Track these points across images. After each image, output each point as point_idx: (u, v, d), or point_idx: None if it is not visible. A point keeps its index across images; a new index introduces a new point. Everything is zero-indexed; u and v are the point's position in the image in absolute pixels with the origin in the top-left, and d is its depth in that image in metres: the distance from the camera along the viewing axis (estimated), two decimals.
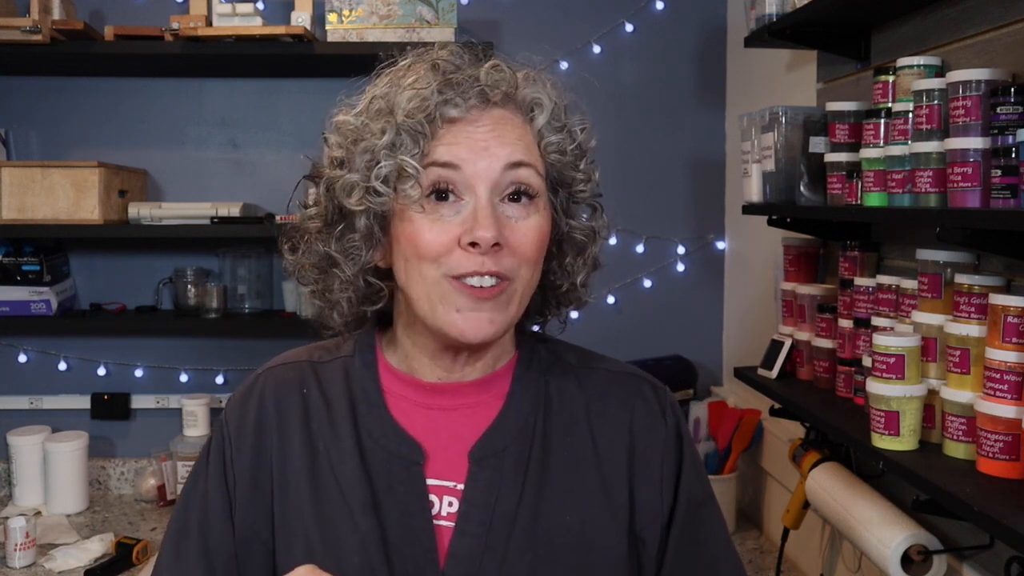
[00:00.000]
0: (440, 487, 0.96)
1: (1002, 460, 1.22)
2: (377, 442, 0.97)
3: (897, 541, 1.42)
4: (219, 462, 1.00)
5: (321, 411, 1.00)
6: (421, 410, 0.99)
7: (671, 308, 2.64)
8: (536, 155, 0.95)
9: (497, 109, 0.94)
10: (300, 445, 0.98)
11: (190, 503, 1.01)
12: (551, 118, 0.96)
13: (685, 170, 2.65)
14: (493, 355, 1.01)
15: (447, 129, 0.92)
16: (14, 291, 2.42)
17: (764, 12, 1.85)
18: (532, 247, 0.93)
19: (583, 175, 0.99)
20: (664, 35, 2.63)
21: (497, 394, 1.01)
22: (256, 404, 1.02)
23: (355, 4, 2.34)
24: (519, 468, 0.96)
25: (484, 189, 0.91)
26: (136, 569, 2.10)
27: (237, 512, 0.98)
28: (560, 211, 0.99)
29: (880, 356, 1.38)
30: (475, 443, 0.97)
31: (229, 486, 0.99)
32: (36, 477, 2.47)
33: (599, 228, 1.03)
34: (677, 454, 1.02)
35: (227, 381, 2.65)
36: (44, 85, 2.58)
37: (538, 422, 0.99)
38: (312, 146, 1.04)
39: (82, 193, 2.31)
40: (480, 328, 0.91)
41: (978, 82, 1.23)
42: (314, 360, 1.05)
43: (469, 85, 0.92)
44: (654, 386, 1.06)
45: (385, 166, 0.91)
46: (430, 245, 0.91)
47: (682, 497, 1.01)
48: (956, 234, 1.23)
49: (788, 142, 1.75)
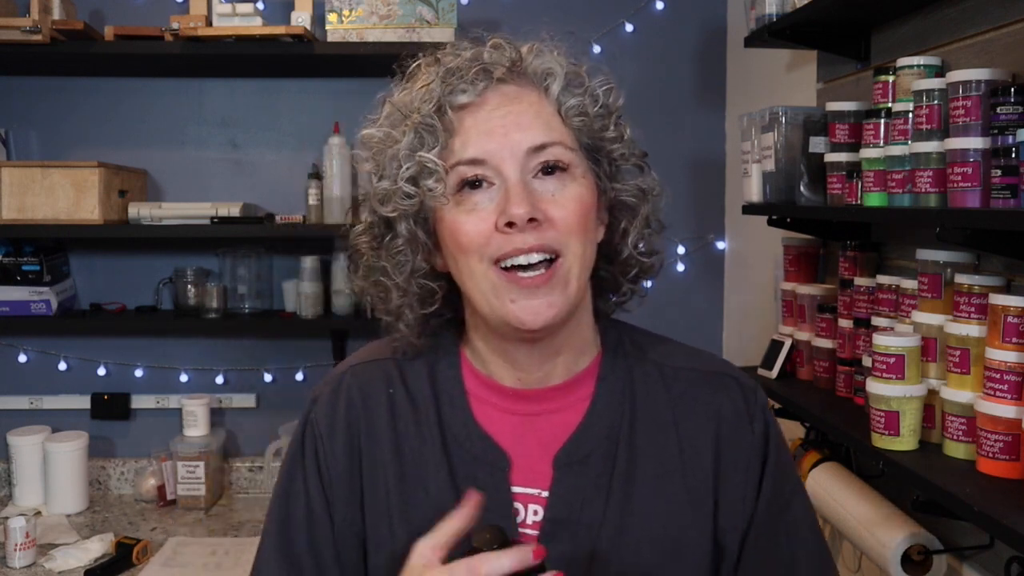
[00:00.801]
0: (525, 495, 0.94)
1: (1002, 460, 1.22)
2: (462, 446, 0.95)
3: (897, 541, 1.42)
4: (314, 462, 0.99)
5: (407, 412, 0.98)
6: (505, 415, 0.97)
7: (671, 308, 2.64)
8: (559, 127, 0.92)
9: (507, 86, 0.92)
10: (388, 447, 0.97)
11: (292, 500, 0.99)
12: (567, 84, 0.94)
13: (685, 170, 2.65)
14: (572, 351, 0.98)
15: (460, 117, 0.91)
16: (14, 291, 2.42)
17: (764, 12, 1.85)
18: (574, 217, 0.90)
19: (614, 133, 0.96)
20: (664, 35, 2.63)
21: (581, 397, 0.98)
22: (345, 403, 1.00)
23: (355, 4, 2.34)
24: (604, 475, 0.94)
25: (512, 171, 0.89)
26: (136, 569, 2.10)
27: (336, 510, 0.97)
28: (605, 177, 0.97)
29: (880, 356, 1.38)
30: (559, 449, 0.95)
31: (326, 486, 0.98)
32: (36, 477, 2.46)
33: (648, 186, 0.99)
34: (761, 461, 0.98)
35: (227, 381, 2.65)
36: (44, 85, 2.58)
37: (623, 426, 0.97)
38: (312, 146, 1.04)
39: (82, 193, 2.31)
40: (539, 313, 0.89)
41: (978, 82, 1.23)
42: (398, 357, 1.02)
43: (470, 67, 0.91)
44: (743, 387, 1.01)
45: (408, 167, 0.91)
46: (470, 235, 0.89)
47: (761, 505, 0.97)
48: (956, 234, 1.23)
49: (788, 142, 1.75)
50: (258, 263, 2.58)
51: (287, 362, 2.64)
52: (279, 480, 1.02)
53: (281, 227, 2.40)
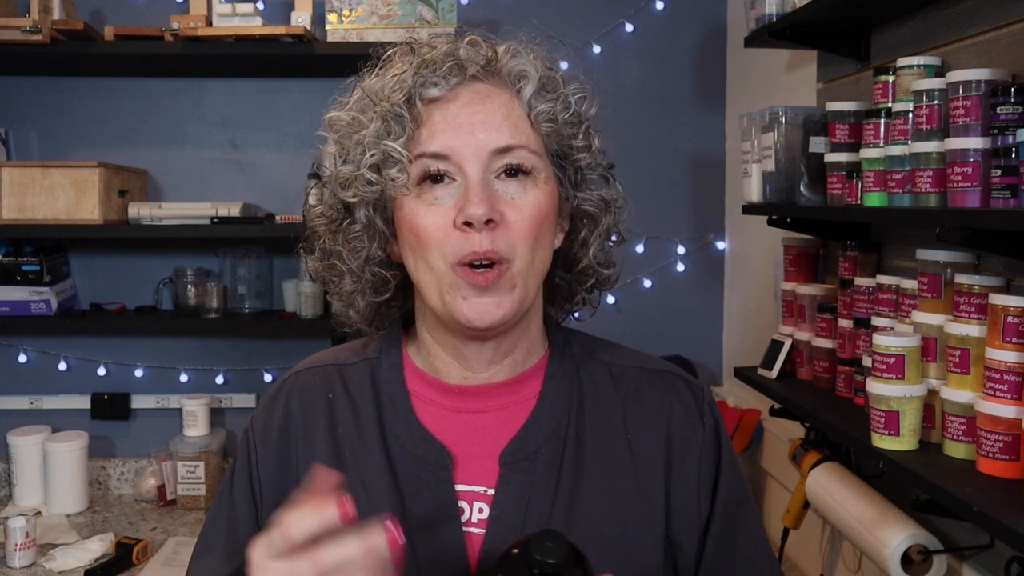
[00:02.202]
0: (470, 493, 0.94)
1: (1002, 460, 1.22)
2: (404, 447, 0.95)
3: (897, 541, 1.42)
4: (245, 469, 0.99)
5: (347, 415, 0.98)
6: (449, 414, 0.97)
7: (671, 308, 2.64)
8: (527, 130, 0.92)
9: (479, 84, 0.92)
10: (326, 451, 0.96)
11: (219, 511, 1.00)
12: (539, 88, 0.93)
13: (685, 170, 2.65)
14: (520, 352, 0.98)
15: (430, 111, 0.91)
16: (14, 291, 2.42)
17: (764, 12, 1.85)
18: (528, 223, 0.90)
19: (583, 142, 0.96)
20: (664, 35, 2.63)
21: (528, 395, 0.98)
22: (281, 410, 1.00)
23: (355, 4, 2.34)
24: (551, 471, 0.94)
25: (475, 169, 0.89)
26: (136, 569, 2.10)
27: (263, 518, 0.96)
28: (569, 184, 0.97)
29: (880, 356, 1.38)
30: (505, 446, 0.95)
31: (255, 493, 0.98)
32: (36, 477, 2.47)
33: (612, 198, 0.99)
34: (715, 456, 0.99)
35: (227, 381, 2.65)
36: (44, 85, 2.58)
37: (571, 423, 0.96)
38: (312, 146, 1.04)
39: (82, 193, 2.31)
40: (487, 312, 0.89)
41: (978, 82, 1.23)
42: (340, 363, 1.03)
43: (444, 61, 0.91)
44: (690, 384, 1.02)
45: (373, 154, 0.91)
46: (428, 229, 0.89)
47: (720, 501, 0.98)
48: (956, 234, 1.23)
49: (788, 142, 1.75)
50: (258, 263, 2.58)
51: (287, 362, 2.63)
52: (217, 492, 1.03)
53: (281, 227, 2.40)
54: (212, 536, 0.99)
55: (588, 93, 0.98)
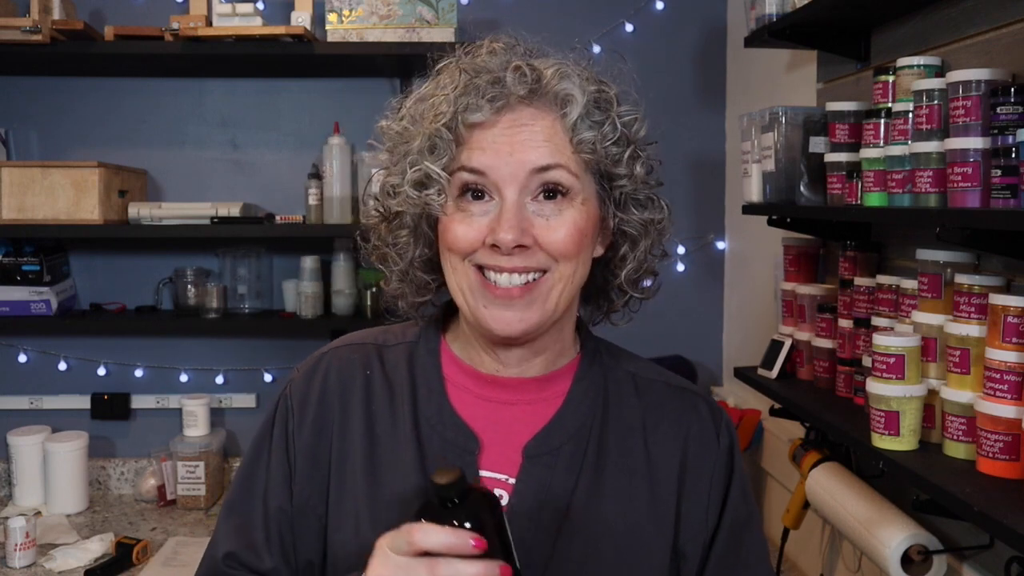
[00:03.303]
0: (492, 479, 0.97)
1: (1002, 460, 1.22)
2: (434, 429, 0.98)
3: (897, 541, 1.42)
4: (282, 434, 1.02)
5: (383, 394, 1.01)
6: (480, 402, 1.00)
7: (671, 308, 2.64)
8: (568, 152, 0.92)
9: (524, 107, 0.93)
10: (360, 426, 1.00)
11: (254, 472, 1.02)
12: (585, 112, 0.93)
13: (685, 170, 2.65)
14: (552, 352, 1.01)
15: (473, 133, 0.93)
16: (14, 291, 2.42)
17: (764, 12, 1.85)
18: (566, 243, 0.92)
19: (626, 169, 0.96)
20: (664, 35, 2.63)
21: (556, 393, 1.01)
22: (320, 381, 1.03)
23: (355, 4, 2.34)
24: (572, 468, 0.97)
25: (511, 191, 0.91)
26: (136, 569, 2.10)
27: (296, 483, 1.00)
28: (611, 203, 0.98)
29: (880, 356, 1.38)
30: (530, 440, 0.98)
31: (290, 457, 1.01)
32: (36, 477, 2.47)
33: (655, 219, 1.00)
34: (727, 475, 1.02)
35: (227, 381, 2.65)
36: (44, 85, 2.58)
37: (595, 426, 1.00)
38: (312, 146, 1.05)
39: (82, 193, 2.31)
40: (508, 325, 0.93)
41: (978, 82, 1.23)
42: (379, 343, 1.06)
43: (489, 87, 0.92)
44: (710, 405, 1.06)
45: (417, 171, 0.94)
46: (458, 240, 0.93)
47: (727, 517, 1.01)
48: (956, 234, 1.23)
49: (788, 142, 1.75)
50: (258, 263, 2.58)
51: (287, 362, 2.64)
52: (247, 453, 1.05)
53: (281, 227, 2.40)
54: (245, 498, 1.02)
55: (639, 115, 0.99)
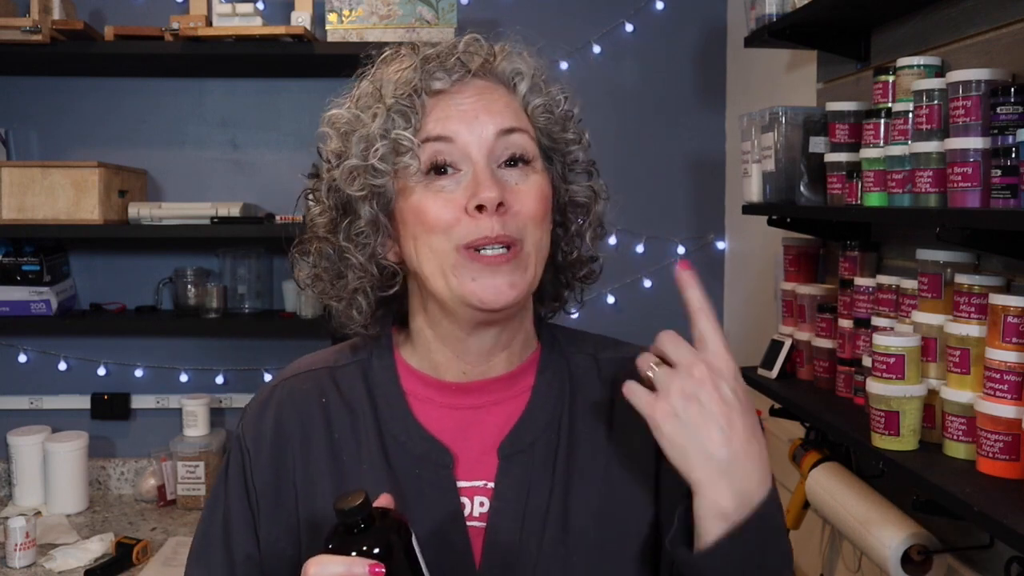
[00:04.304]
0: (470, 488, 0.95)
1: (1002, 460, 1.22)
2: (403, 447, 0.96)
3: (897, 541, 1.42)
4: (239, 476, 0.99)
5: (344, 419, 0.98)
6: (446, 411, 0.98)
7: (671, 308, 2.62)
8: (525, 121, 0.96)
9: (479, 80, 0.95)
10: (324, 455, 0.97)
11: (213, 519, 0.99)
12: (533, 84, 0.98)
13: (685, 170, 2.65)
14: (517, 344, 1.00)
15: (434, 103, 0.93)
16: (14, 291, 2.42)
17: (764, 12, 1.85)
18: (535, 205, 0.93)
19: (573, 135, 1.00)
20: (664, 35, 2.63)
21: (523, 388, 1.00)
22: (273, 416, 1.00)
23: (355, 4, 2.34)
24: (548, 461, 0.96)
25: (480, 155, 0.91)
26: (136, 569, 2.10)
27: (261, 527, 0.97)
28: (559, 178, 1.00)
29: (880, 356, 1.38)
30: (503, 439, 0.96)
31: (251, 500, 0.98)
32: (36, 477, 2.47)
33: (598, 188, 1.03)
34: None
35: (227, 381, 2.65)
36: (44, 85, 2.58)
37: (564, 415, 0.99)
38: (312, 146, 1.05)
39: (82, 193, 2.31)
40: (500, 292, 0.90)
41: (978, 82, 1.23)
42: (331, 365, 1.03)
43: (447, 56, 0.94)
44: None
45: (381, 146, 0.92)
46: (438, 215, 0.90)
47: None
48: (956, 234, 1.23)
49: (788, 142, 1.75)
50: (258, 263, 2.58)
51: (287, 362, 2.61)
52: (208, 501, 1.02)
53: (281, 227, 2.40)
54: (208, 543, 0.99)
55: (570, 93, 1.02)
